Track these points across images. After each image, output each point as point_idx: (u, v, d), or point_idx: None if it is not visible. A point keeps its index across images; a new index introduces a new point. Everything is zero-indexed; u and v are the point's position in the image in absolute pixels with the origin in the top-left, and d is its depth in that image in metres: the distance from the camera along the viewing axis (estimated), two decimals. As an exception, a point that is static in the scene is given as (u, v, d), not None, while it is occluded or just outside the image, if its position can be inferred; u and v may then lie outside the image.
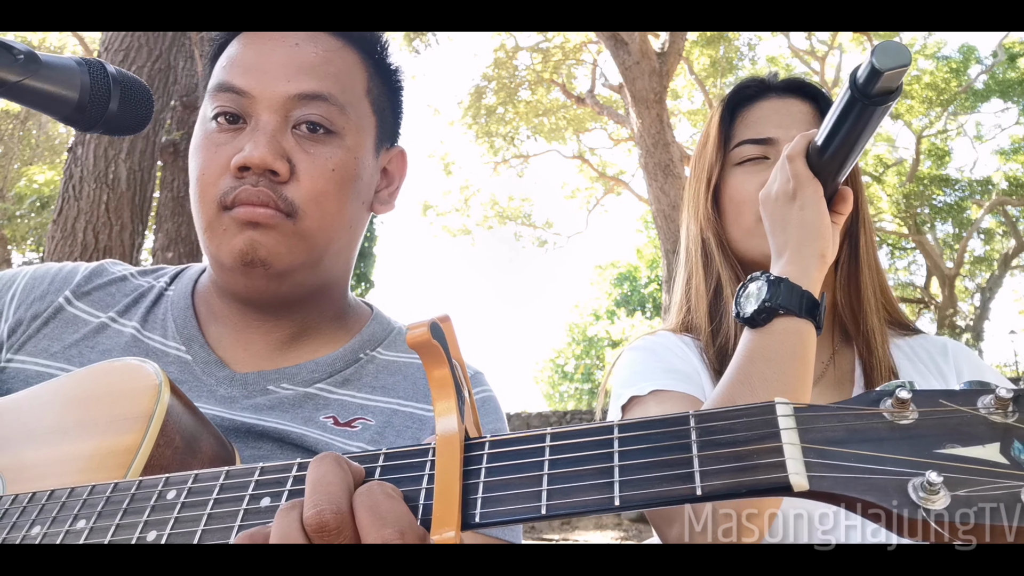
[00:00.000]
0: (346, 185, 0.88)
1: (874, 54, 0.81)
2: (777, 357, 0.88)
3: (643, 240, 26.74)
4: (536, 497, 0.51)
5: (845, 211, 0.98)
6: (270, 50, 0.88)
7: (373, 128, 0.93)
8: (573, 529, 8.66)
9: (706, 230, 1.14)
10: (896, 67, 0.80)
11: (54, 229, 4.79)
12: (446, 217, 20.61)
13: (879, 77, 0.81)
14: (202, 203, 0.86)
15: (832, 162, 0.93)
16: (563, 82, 16.29)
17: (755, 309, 0.91)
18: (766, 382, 0.87)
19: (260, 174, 0.83)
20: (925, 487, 0.43)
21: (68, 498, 0.64)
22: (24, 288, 0.94)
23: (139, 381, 0.73)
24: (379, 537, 0.50)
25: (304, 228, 0.85)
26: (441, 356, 0.55)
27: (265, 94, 0.85)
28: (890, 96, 0.84)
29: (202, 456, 0.71)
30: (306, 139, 0.86)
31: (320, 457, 0.55)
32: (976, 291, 21.32)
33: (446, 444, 0.54)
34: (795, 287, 0.90)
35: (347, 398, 0.90)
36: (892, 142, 20.28)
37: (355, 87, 0.91)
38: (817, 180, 0.94)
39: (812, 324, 0.90)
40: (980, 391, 0.47)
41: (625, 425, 0.52)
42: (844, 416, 0.48)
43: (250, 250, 0.83)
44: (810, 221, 0.93)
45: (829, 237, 0.94)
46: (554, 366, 30.56)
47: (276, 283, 0.87)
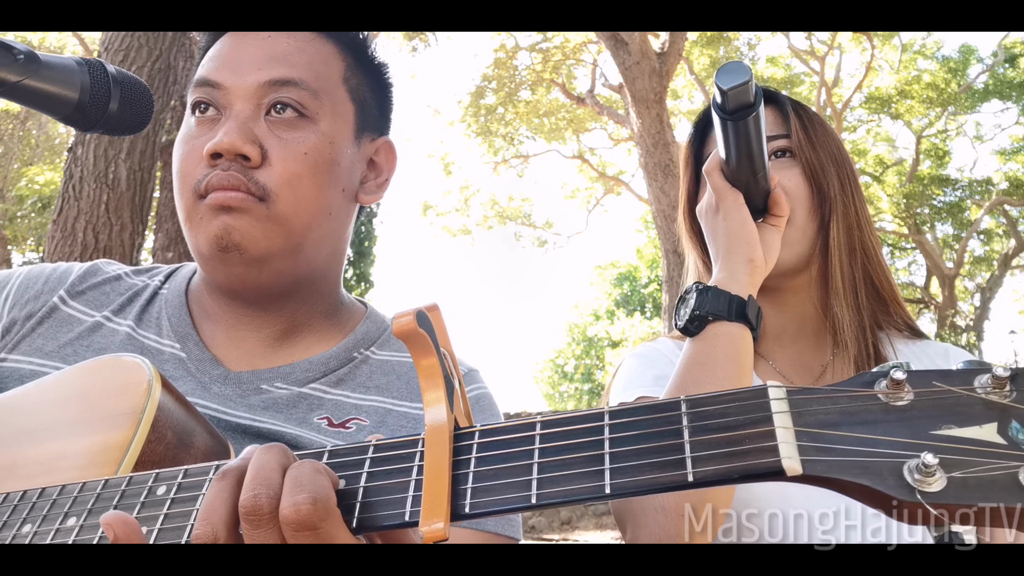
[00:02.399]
0: (320, 169, 0.88)
1: (717, 76, 0.88)
2: (710, 362, 0.92)
3: (643, 240, 26.73)
4: (526, 486, 0.50)
5: (781, 213, 1.03)
6: (244, 44, 0.90)
7: (352, 116, 0.93)
8: (573, 529, 8.66)
9: (692, 251, 1.19)
10: (738, 84, 0.87)
11: (54, 229, 4.79)
12: (446, 217, 20.60)
13: (727, 96, 0.88)
14: (181, 194, 0.87)
15: (741, 171, 0.98)
16: (563, 82, 16.29)
17: (687, 318, 0.96)
18: (700, 387, 0.89)
19: (232, 159, 0.84)
20: (921, 469, 0.43)
21: (59, 495, 0.64)
22: (18, 288, 0.94)
23: (130, 377, 0.73)
24: (292, 503, 0.50)
25: (278, 212, 0.85)
26: (428, 345, 0.54)
27: (237, 83, 0.87)
28: (751, 108, 0.90)
29: (195, 451, 0.71)
30: (279, 124, 0.86)
31: (267, 446, 0.55)
32: (976, 291, 21.33)
33: (435, 434, 0.53)
34: (723, 293, 0.95)
35: (341, 398, 0.89)
36: (892, 142, 20.30)
37: (330, 75, 0.91)
38: (736, 190, 0.99)
39: (745, 327, 0.94)
40: (977, 371, 0.46)
41: (616, 412, 0.52)
42: (838, 398, 0.48)
43: (224, 235, 0.83)
44: (733, 229, 0.99)
45: (755, 243, 0.98)
46: (554, 366, 30.55)
47: (255, 271, 0.87)
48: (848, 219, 1.11)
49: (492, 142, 17.71)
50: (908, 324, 1.16)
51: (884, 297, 1.13)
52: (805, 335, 1.13)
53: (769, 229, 1.01)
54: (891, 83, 18.26)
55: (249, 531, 0.52)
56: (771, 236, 1.01)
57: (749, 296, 0.95)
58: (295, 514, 0.50)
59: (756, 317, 0.95)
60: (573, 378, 29.76)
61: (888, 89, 18.21)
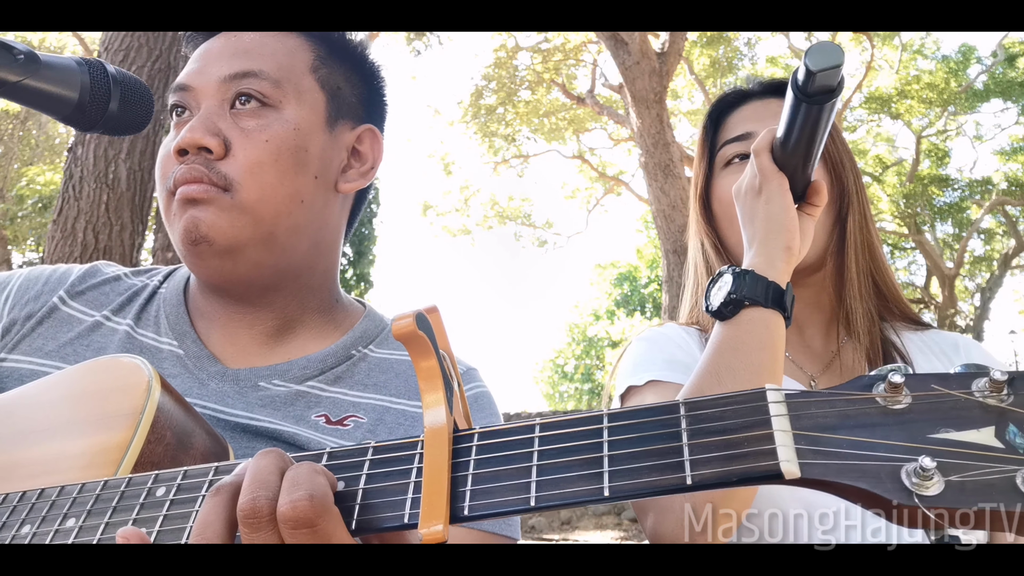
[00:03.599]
0: (284, 155, 0.88)
1: (808, 55, 0.84)
2: (744, 347, 0.89)
3: (643, 240, 26.74)
4: (525, 489, 0.50)
5: (819, 203, 0.99)
6: (212, 45, 0.92)
7: (322, 104, 0.93)
8: (573, 529, 8.66)
9: (702, 237, 1.18)
10: (829, 67, 0.83)
11: (54, 229, 4.79)
12: (446, 217, 20.61)
13: (813, 77, 0.84)
14: (159, 195, 0.90)
15: (794, 156, 0.95)
16: (563, 82, 16.29)
17: (722, 301, 0.93)
18: (734, 372, 0.88)
19: (196, 153, 0.85)
20: (918, 472, 0.43)
21: (58, 496, 0.64)
22: (19, 289, 0.95)
23: (129, 378, 0.73)
24: (289, 500, 0.50)
25: (242, 200, 0.85)
26: (428, 347, 0.54)
27: (203, 82, 0.89)
28: (832, 94, 0.86)
29: (194, 452, 0.71)
30: (242, 115, 0.87)
31: (263, 452, 0.55)
32: (976, 291, 21.32)
33: (434, 437, 0.53)
34: (760, 278, 0.92)
35: (339, 396, 0.89)
36: (892, 142, 20.29)
37: (295, 64, 0.92)
38: (782, 174, 0.96)
39: (780, 314, 0.91)
40: (974, 375, 0.46)
41: (615, 415, 0.52)
42: (836, 402, 0.48)
43: (192, 228, 0.84)
44: (775, 214, 0.95)
45: (795, 230, 0.95)
46: (554, 366, 30.55)
47: (230, 263, 0.87)
48: (862, 214, 1.13)
49: (492, 142, 17.71)
50: (909, 315, 1.17)
51: (884, 292, 1.14)
52: (816, 323, 1.14)
53: (804, 218, 0.99)
54: (891, 83, 18.26)
55: (248, 535, 0.52)
56: (806, 225, 0.99)
57: (788, 284, 0.94)
58: (292, 511, 0.50)
59: (791, 305, 0.93)
60: (573, 378, 29.75)
61: (888, 89, 18.22)
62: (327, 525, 0.51)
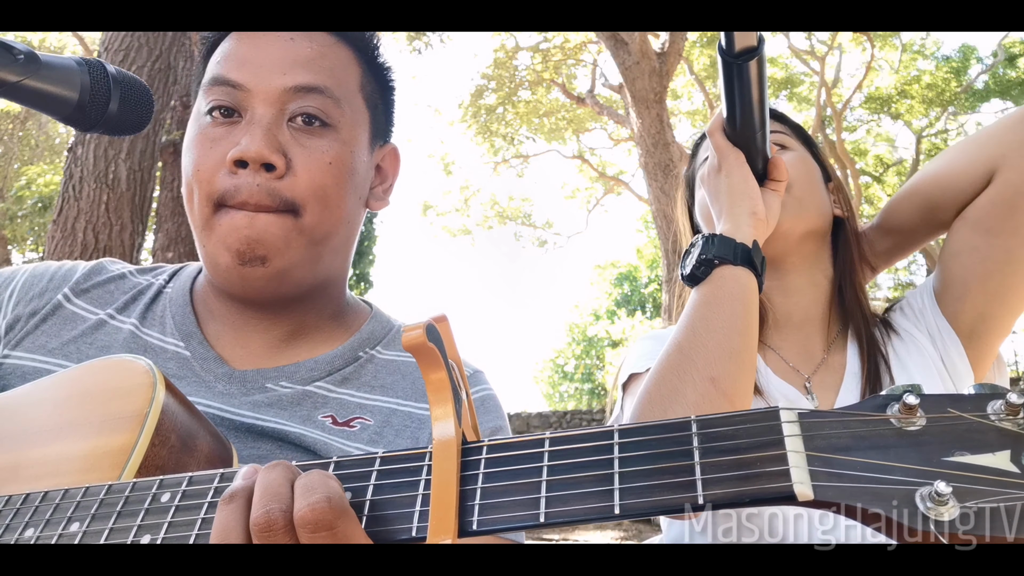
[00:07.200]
0: (343, 179, 0.87)
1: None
2: (717, 301, 0.93)
3: (643, 240, 26.72)
4: (535, 504, 0.50)
5: (781, 177, 1.04)
6: (265, 45, 0.88)
7: (367, 123, 0.93)
8: (573, 529, 8.65)
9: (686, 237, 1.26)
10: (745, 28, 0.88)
11: (54, 229, 4.79)
12: (446, 217, 20.60)
13: (733, 38, 0.90)
14: (199, 200, 0.85)
15: (744, 127, 0.99)
16: (563, 82, 16.27)
17: (693, 264, 0.97)
18: (708, 324, 0.91)
19: (256, 169, 0.82)
20: (933, 497, 0.42)
21: (62, 500, 0.63)
22: (23, 285, 0.94)
23: (133, 378, 0.72)
24: (307, 503, 0.50)
25: (305, 224, 0.85)
26: (437, 359, 0.54)
27: (261, 87, 0.85)
28: (755, 51, 0.92)
29: (199, 455, 0.71)
30: (302, 132, 0.85)
31: (270, 465, 0.55)
32: (976, 291, 21.25)
33: (443, 449, 0.53)
34: (728, 239, 0.97)
35: (346, 397, 0.89)
36: (892, 142, 20.27)
37: (349, 82, 0.91)
38: (736, 149, 1.02)
39: (750, 271, 0.95)
40: (990, 396, 0.46)
41: (626, 431, 0.52)
42: (850, 422, 0.47)
43: (247, 248, 0.82)
44: (736, 185, 1.01)
45: (757, 197, 1.00)
46: (554, 366, 30.53)
47: (276, 282, 0.86)
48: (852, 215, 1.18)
49: (492, 142, 17.70)
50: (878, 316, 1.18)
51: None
52: (811, 320, 1.15)
53: (769, 193, 1.04)
54: (891, 83, 18.25)
55: None
56: (771, 199, 1.03)
57: (754, 242, 0.97)
58: (312, 513, 0.50)
59: (761, 264, 0.97)
60: (573, 378, 29.74)
61: (888, 89, 18.20)
62: (346, 527, 0.51)
